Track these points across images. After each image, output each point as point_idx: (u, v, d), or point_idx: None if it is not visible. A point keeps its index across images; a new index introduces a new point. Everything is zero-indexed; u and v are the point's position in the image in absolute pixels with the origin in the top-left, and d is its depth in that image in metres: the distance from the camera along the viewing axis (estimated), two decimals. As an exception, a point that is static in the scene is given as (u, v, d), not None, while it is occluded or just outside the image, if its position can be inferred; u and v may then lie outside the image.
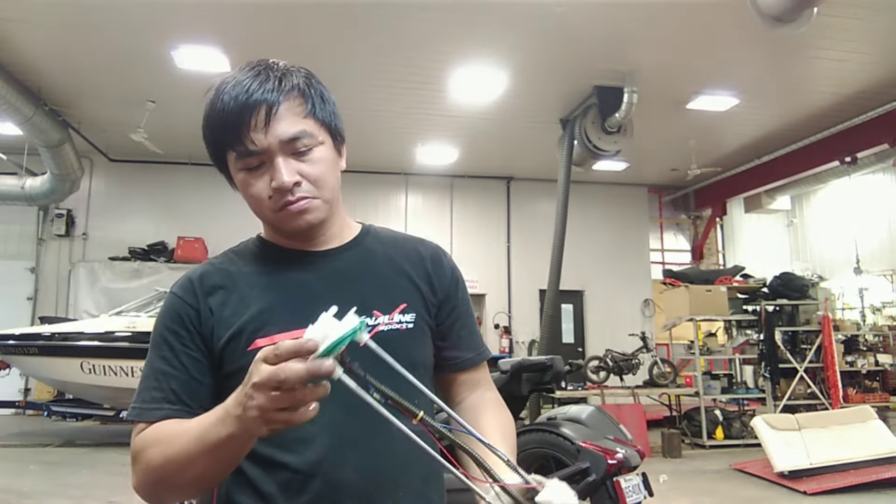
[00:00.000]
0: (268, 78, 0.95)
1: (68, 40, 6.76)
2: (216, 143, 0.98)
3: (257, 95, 0.92)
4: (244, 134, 0.92)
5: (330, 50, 6.79)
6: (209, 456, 0.81)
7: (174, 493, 0.89)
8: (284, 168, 0.93)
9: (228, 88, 0.94)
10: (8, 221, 10.28)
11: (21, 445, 7.31)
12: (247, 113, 0.92)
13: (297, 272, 1.03)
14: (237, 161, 0.96)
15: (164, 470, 0.86)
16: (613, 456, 3.28)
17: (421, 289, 1.08)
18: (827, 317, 7.97)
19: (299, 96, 0.97)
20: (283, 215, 0.96)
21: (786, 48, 6.74)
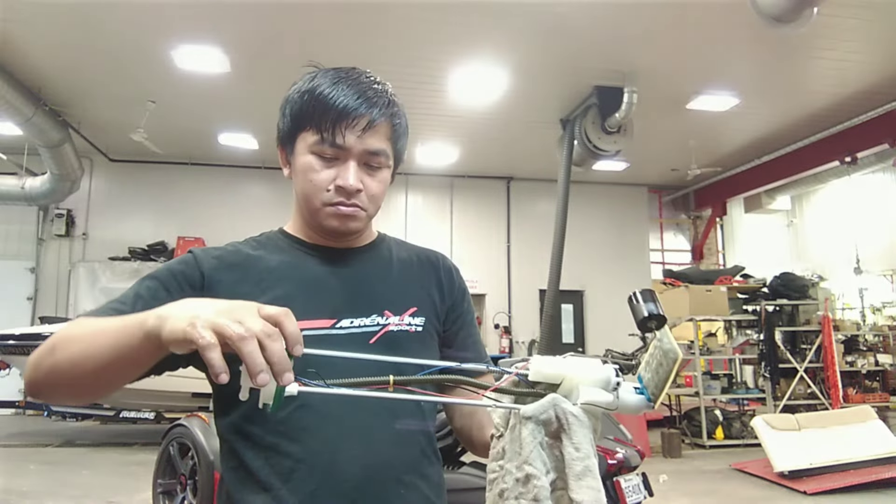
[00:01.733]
0: (380, 95, 1.03)
1: (68, 40, 6.76)
2: (302, 120, 1.01)
3: (368, 105, 0.99)
4: (340, 128, 0.98)
5: (330, 50, 6.79)
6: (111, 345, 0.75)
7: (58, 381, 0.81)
8: (355, 173, 0.99)
9: (342, 85, 1.00)
10: (8, 221, 10.28)
11: (21, 445, 7.31)
12: (353, 113, 0.98)
13: (316, 266, 1.06)
14: (315, 144, 0.99)
15: (61, 349, 0.80)
16: (613, 456, 3.28)
17: (432, 295, 1.12)
18: (827, 317, 7.97)
19: (393, 124, 1.05)
20: (331, 212, 1.01)
21: (786, 48, 6.74)
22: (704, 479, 6.05)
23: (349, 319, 1.00)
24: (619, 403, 0.74)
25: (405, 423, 1.00)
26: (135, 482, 5.34)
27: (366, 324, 1.01)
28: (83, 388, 0.83)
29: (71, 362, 0.79)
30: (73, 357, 0.79)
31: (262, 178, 10.56)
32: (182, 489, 3.94)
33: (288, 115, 1.04)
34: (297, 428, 0.94)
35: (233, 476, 0.97)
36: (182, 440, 3.96)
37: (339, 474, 0.93)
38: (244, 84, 7.70)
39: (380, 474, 0.96)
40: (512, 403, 0.75)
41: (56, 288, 10.33)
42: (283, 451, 0.94)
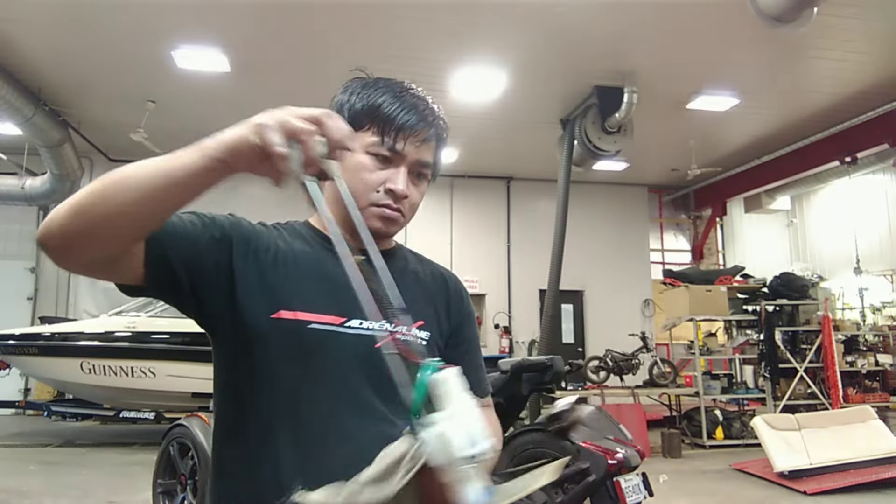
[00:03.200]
0: (437, 116, 1.10)
1: (68, 40, 6.76)
2: (363, 120, 1.05)
3: (428, 125, 1.07)
4: (405, 135, 1.04)
5: (330, 50, 6.80)
6: (171, 183, 0.79)
7: (92, 233, 0.80)
8: (405, 179, 1.05)
9: (405, 102, 1.06)
10: (8, 221, 10.28)
11: (21, 445, 7.31)
12: (418, 124, 1.05)
13: (335, 263, 1.02)
14: (373, 146, 1.03)
15: (103, 199, 0.79)
16: (613, 456, 3.28)
17: (439, 314, 1.14)
18: (827, 317, 7.97)
19: (439, 143, 1.12)
20: (376, 212, 1.04)
21: (786, 48, 6.74)
22: (704, 479, 6.05)
23: (359, 320, 1.00)
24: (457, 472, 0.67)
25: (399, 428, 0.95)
26: (135, 482, 5.34)
27: (374, 327, 1.00)
28: (108, 220, 0.80)
29: (118, 191, 0.79)
30: (121, 186, 0.79)
31: (262, 177, 10.54)
32: (182, 489, 3.94)
33: (345, 116, 1.05)
34: (300, 416, 0.95)
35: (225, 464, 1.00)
36: (182, 440, 3.96)
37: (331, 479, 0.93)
38: (244, 84, 7.71)
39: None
40: None
41: (56, 288, 10.34)
42: (279, 447, 0.94)
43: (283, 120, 0.78)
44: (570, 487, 3.30)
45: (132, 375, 7.07)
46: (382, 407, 0.98)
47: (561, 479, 3.32)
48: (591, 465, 3.28)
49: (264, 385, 0.97)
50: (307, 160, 0.77)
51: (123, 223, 0.81)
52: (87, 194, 0.80)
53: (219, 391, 1.04)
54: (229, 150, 0.80)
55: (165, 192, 0.80)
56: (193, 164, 0.80)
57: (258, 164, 0.79)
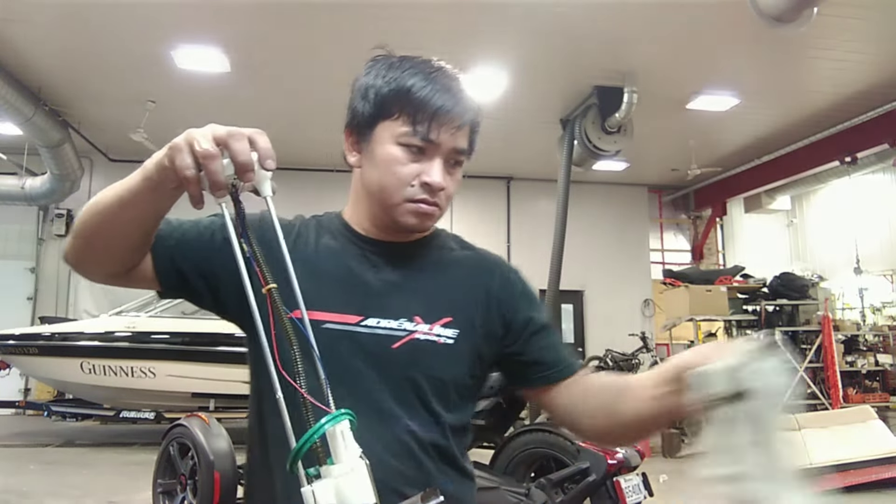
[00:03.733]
0: (467, 98, 1.01)
1: (68, 40, 6.76)
2: (391, 107, 0.96)
3: (463, 108, 0.97)
4: (439, 122, 0.95)
5: (330, 50, 6.79)
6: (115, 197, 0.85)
7: (90, 249, 0.92)
8: (441, 170, 0.97)
9: (436, 84, 0.97)
10: (8, 221, 10.28)
11: (21, 445, 7.31)
12: (454, 110, 0.96)
13: (358, 259, 1.02)
14: (405, 136, 0.95)
15: (85, 211, 0.88)
16: (613, 456, 3.28)
17: (476, 308, 1.04)
18: (827, 317, 7.97)
19: (473, 127, 1.02)
20: (412, 208, 0.97)
21: (786, 48, 6.74)
22: (704, 479, 6.05)
23: (376, 319, 0.96)
24: None
25: (414, 435, 0.95)
26: (135, 482, 5.33)
27: (392, 327, 0.96)
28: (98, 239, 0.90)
29: (89, 209, 0.88)
30: (92, 210, 0.88)
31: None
32: (182, 489, 3.93)
33: (371, 101, 0.98)
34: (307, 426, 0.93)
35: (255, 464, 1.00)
36: (182, 440, 3.96)
37: None
38: (244, 84, 7.71)
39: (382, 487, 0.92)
40: None
41: (56, 288, 10.33)
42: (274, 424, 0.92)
43: (191, 141, 0.74)
44: (570, 487, 3.30)
45: (132, 375, 7.07)
46: (398, 409, 0.94)
47: (561, 479, 3.33)
48: (591, 465, 3.28)
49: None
50: (212, 184, 0.73)
51: (104, 243, 0.90)
52: (77, 220, 0.90)
53: (250, 394, 1.05)
54: (156, 169, 0.80)
55: (122, 211, 0.85)
56: (136, 184, 0.83)
57: (181, 187, 0.77)
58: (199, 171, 0.73)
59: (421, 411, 0.95)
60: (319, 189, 10.40)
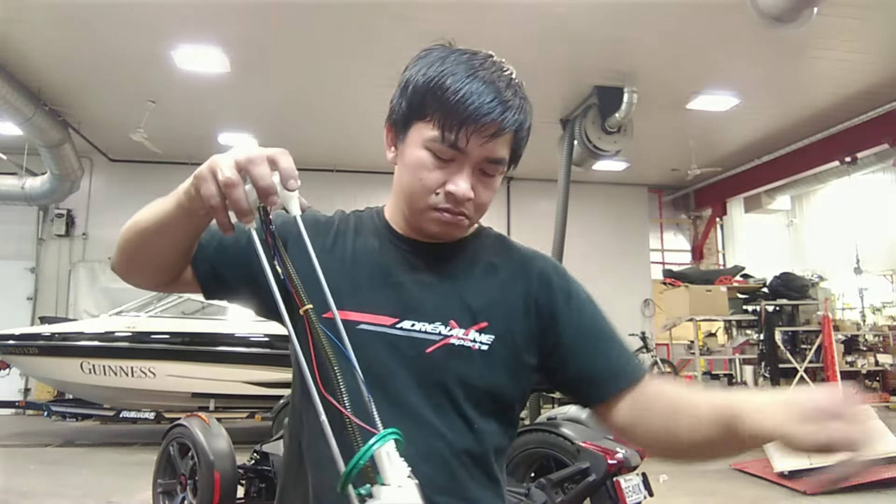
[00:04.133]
0: (515, 99, 0.95)
1: (68, 40, 6.76)
2: (424, 108, 0.92)
3: (502, 110, 0.91)
4: (466, 132, 0.89)
5: (330, 50, 6.79)
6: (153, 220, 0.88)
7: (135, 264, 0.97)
8: (468, 181, 0.91)
9: (478, 81, 0.90)
10: (8, 221, 10.27)
11: (21, 445, 7.31)
12: (484, 118, 0.89)
13: (396, 259, 1.00)
14: (433, 141, 0.90)
15: (126, 229, 0.93)
16: (613, 456, 3.28)
17: (515, 311, 0.99)
18: (827, 317, 7.97)
19: (519, 133, 0.98)
20: (435, 217, 0.94)
21: (786, 48, 6.74)
22: (704, 478, 6.05)
23: (411, 322, 0.93)
24: None
25: (446, 440, 0.91)
26: (135, 482, 5.33)
27: (427, 330, 0.93)
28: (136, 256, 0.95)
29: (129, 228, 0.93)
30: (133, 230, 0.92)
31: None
32: (182, 489, 3.93)
33: (406, 97, 0.94)
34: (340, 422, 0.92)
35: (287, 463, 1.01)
36: (182, 440, 3.96)
37: None
38: (244, 84, 7.70)
39: None
40: None
41: (56, 288, 10.33)
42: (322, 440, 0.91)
43: (214, 169, 0.73)
44: (570, 487, 3.30)
45: (132, 375, 7.07)
46: (431, 415, 0.91)
47: (561, 479, 3.32)
48: (591, 465, 3.28)
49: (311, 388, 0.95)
50: (236, 212, 0.73)
51: (145, 259, 0.94)
52: (120, 238, 0.95)
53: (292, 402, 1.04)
54: (186, 198, 0.81)
55: (159, 235, 0.89)
56: (171, 210, 0.85)
57: (206, 216, 0.78)
58: (224, 199, 0.73)
59: (454, 417, 0.92)
60: (320, 189, 10.42)
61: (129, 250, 0.94)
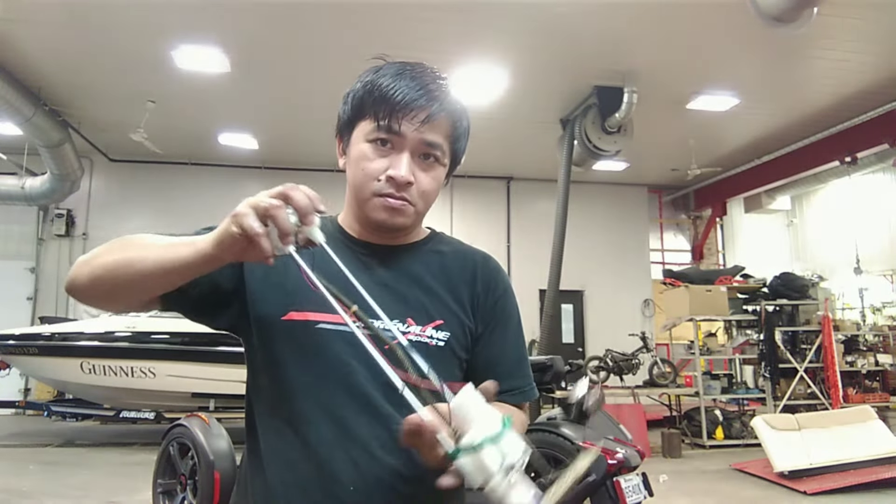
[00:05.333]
0: (442, 91, 1.01)
1: (68, 40, 6.76)
2: (362, 108, 1.00)
3: (429, 98, 0.98)
4: (398, 117, 0.96)
5: (330, 50, 6.79)
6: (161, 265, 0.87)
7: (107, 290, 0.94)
8: (407, 164, 0.97)
9: (405, 77, 0.99)
10: (8, 221, 10.28)
11: (21, 445, 7.31)
12: (412, 104, 0.96)
13: (352, 262, 1.03)
14: (371, 133, 0.98)
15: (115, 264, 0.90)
16: (613, 456, 3.28)
17: (464, 308, 1.06)
18: (827, 317, 7.96)
19: (455, 122, 1.04)
20: (379, 202, 0.99)
21: (786, 48, 6.74)
22: (704, 479, 6.05)
23: (369, 320, 0.94)
24: (497, 486, 0.67)
25: None
26: (135, 482, 5.34)
27: (385, 328, 0.95)
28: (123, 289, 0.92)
29: (122, 263, 0.90)
30: (127, 258, 0.89)
31: (262, 178, 10.55)
32: (182, 489, 3.93)
33: (349, 104, 1.02)
34: (306, 416, 0.95)
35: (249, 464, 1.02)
36: (182, 440, 3.96)
37: (333, 478, 0.93)
38: (244, 84, 7.71)
39: (376, 483, 0.93)
40: None
41: (56, 288, 10.34)
42: (287, 441, 0.96)
43: (254, 203, 0.78)
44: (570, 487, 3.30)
45: (132, 375, 7.07)
46: (392, 409, 0.95)
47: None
48: (590, 465, 3.28)
49: (275, 386, 0.98)
50: (282, 233, 0.78)
51: (132, 293, 0.93)
52: (102, 267, 0.91)
53: (247, 396, 1.06)
54: (217, 245, 0.83)
55: (164, 277, 0.88)
56: (187, 258, 0.85)
57: (246, 251, 0.80)
58: (266, 228, 0.78)
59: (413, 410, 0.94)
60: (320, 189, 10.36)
61: (112, 284, 0.92)
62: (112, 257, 0.91)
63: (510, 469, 0.67)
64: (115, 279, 0.91)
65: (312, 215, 0.80)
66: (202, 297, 0.99)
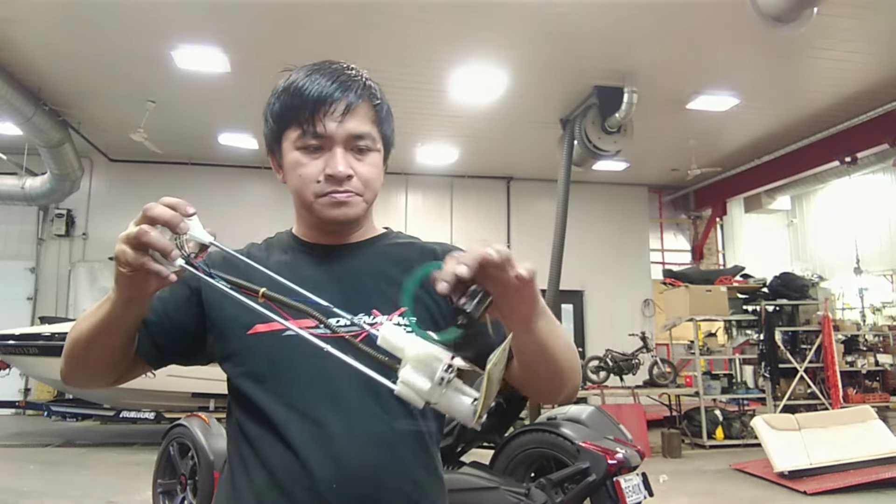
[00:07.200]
0: (354, 79, 1.02)
1: (68, 40, 6.76)
2: (283, 118, 1.01)
3: (342, 90, 0.99)
4: (319, 117, 0.98)
5: (330, 50, 6.79)
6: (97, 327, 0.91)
7: (81, 369, 1.00)
8: (342, 159, 0.99)
9: (315, 75, 1.00)
10: (8, 221, 10.28)
11: (21, 445, 7.31)
12: (328, 98, 0.98)
13: (310, 265, 1.06)
14: (298, 139, 0.99)
15: (72, 344, 0.97)
16: (613, 456, 3.28)
17: (427, 290, 1.03)
18: (827, 317, 7.97)
19: (374, 105, 1.04)
20: (325, 201, 1.00)
21: (786, 48, 6.74)
22: (704, 479, 6.05)
23: (335, 319, 0.95)
24: (438, 400, 0.69)
25: (387, 424, 0.97)
26: (135, 482, 5.34)
27: (353, 322, 0.94)
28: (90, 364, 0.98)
29: (75, 344, 0.96)
30: (76, 339, 0.96)
31: (262, 178, 10.56)
32: (182, 489, 3.94)
33: (270, 119, 1.03)
34: (282, 421, 0.96)
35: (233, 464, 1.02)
36: (182, 440, 3.96)
37: (314, 477, 0.93)
38: (244, 84, 7.70)
39: (358, 478, 0.93)
40: None
41: (56, 288, 10.33)
42: (267, 445, 0.96)
43: (124, 237, 0.80)
44: (570, 487, 3.30)
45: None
46: (369, 403, 0.96)
47: (561, 479, 3.33)
48: (591, 465, 3.28)
49: (251, 396, 0.99)
50: (162, 252, 0.78)
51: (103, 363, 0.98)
52: (67, 357, 0.98)
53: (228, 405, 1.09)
54: (119, 289, 0.86)
55: (106, 337, 0.93)
56: (109, 310, 0.90)
57: (148, 281, 0.82)
58: (147, 253, 0.79)
59: (391, 401, 0.95)
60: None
61: (82, 359, 0.97)
62: (68, 343, 0.97)
63: (441, 382, 0.68)
64: (79, 358, 0.97)
65: (183, 223, 0.79)
66: (176, 343, 1.04)
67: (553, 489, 3.26)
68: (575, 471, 3.30)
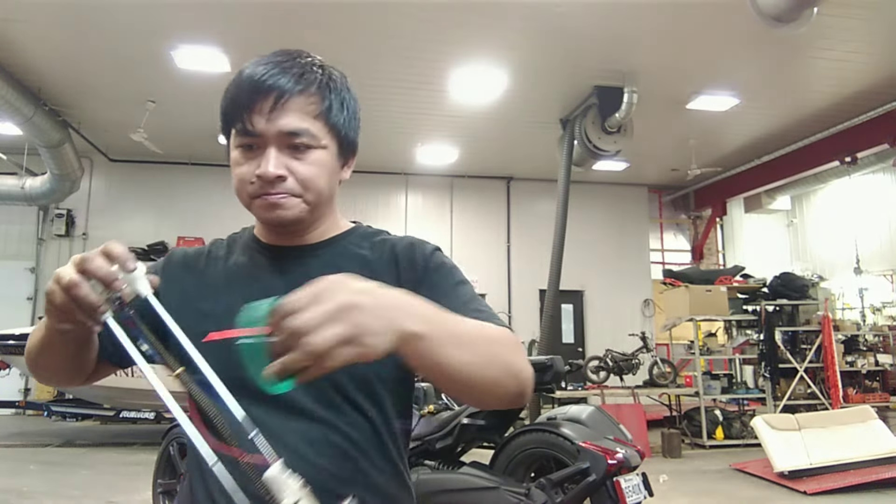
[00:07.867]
0: (291, 68, 0.94)
1: (68, 40, 6.76)
2: (224, 117, 0.97)
3: (272, 81, 0.91)
4: (247, 114, 0.91)
5: (330, 50, 6.77)
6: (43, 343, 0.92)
7: (45, 377, 1.02)
8: (273, 159, 0.91)
9: (250, 67, 0.94)
10: (8, 221, 10.28)
11: (21, 445, 7.31)
12: (256, 95, 0.91)
13: (265, 269, 1.02)
14: (236, 137, 0.95)
15: (27, 354, 0.99)
16: (613, 456, 3.28)
17: None
18: (827, 317, 7.97)
19: (316, 94, 0.95)
20: (259, 203, 0.95)
21: (786, 48, 6.74)
22: (704, 479, 6.05)
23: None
24: None
25: (342, 432, 0.93)
26: (135, 482, 5.34)
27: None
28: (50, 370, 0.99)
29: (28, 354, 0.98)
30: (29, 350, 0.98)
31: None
32: (182, 489, 3.93)
33: (221, 121, 0.99)
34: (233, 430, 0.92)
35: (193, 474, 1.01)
36: (182, 440, 3.96)
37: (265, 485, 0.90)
38: (244, 84, 7.70)
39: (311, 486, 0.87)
40: None
41: (56, 288, 10.33)
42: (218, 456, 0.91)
43: (57, 277, 0.77)
44: (570, 487, 3.30)
45: (132, 375, 7.05)
46: (325, 412, 0.93)
47: (561, 479, 3.32)
48: (591, 465, 3.28)
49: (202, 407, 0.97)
50: (84, 308, 0.76)
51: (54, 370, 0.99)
52: (24, 358, 1.01)
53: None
54: (49, 321, 0.84)
55: (53, 353, 0.93)
56: (45, 332, 0.89)
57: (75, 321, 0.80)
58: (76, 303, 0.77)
59: (347, 409, 0.93)
60: (319, 189, 10.41)
61: (40, 366, 0.98)
62: (25, 352, 0.99)
63: None
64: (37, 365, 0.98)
65: (117, 281, 0.76)
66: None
67: (553, 489, 3.26)
68: (575, 471, 3.30)
